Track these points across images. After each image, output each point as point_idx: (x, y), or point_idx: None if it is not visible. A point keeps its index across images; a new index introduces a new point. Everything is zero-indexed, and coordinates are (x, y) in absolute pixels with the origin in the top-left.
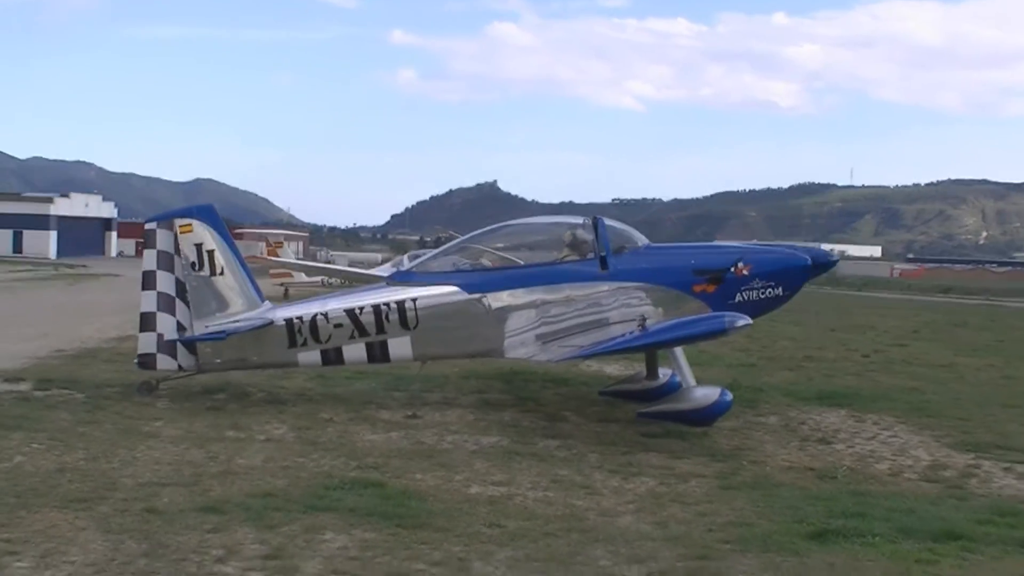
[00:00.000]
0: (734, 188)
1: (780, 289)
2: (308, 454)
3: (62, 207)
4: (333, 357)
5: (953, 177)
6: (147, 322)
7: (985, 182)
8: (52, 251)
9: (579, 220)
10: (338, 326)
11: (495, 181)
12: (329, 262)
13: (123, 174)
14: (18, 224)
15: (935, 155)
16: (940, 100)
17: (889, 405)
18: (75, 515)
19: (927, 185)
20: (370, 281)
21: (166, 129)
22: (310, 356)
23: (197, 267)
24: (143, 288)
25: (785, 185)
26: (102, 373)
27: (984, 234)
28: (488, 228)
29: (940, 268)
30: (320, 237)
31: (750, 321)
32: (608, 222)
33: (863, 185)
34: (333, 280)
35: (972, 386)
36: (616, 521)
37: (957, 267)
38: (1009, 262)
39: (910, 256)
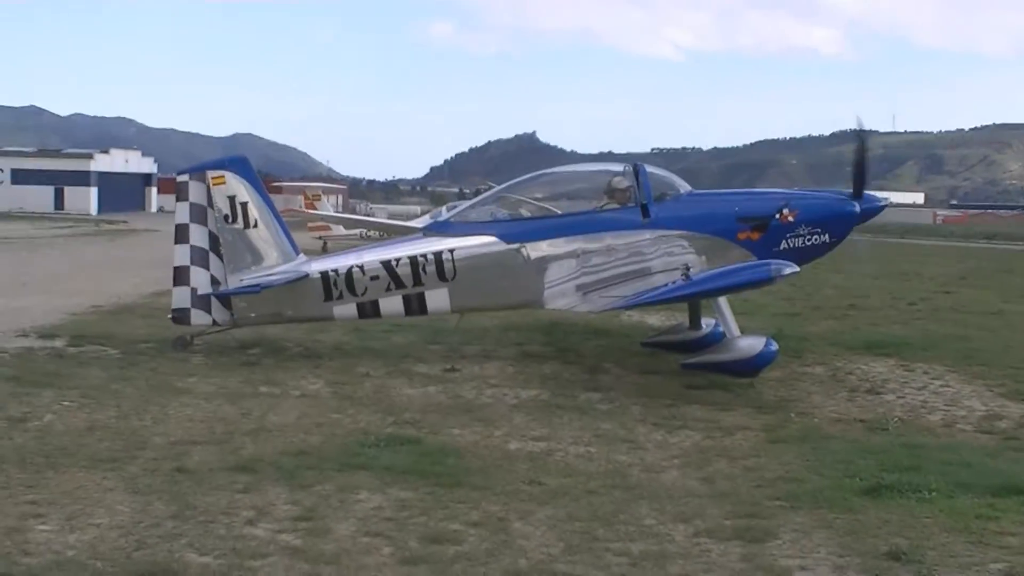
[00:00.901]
0: (774, 136)
1: (827, 236)
2: (344, 410)
3: (102, 163)
4: (369, 310)
5: (998, 122)
6: (180, 276)
7: None
8: (93, 207)
9: (619, 167)
10: (374, 278)
11: (534, 132)
12: (369, 215)
13: (163, 130)
14: (59, 180)
15: (979, 100)
16: (984, 44)
17: (938, 354)
18: (103, 475)
19: (971, 130)
20: (407, 233)
21: (206, 84)
22: (346, 309)
23: (231, 220)
24: (176, 242)
25: (826, 132)
26: (137, 329)
27: None
28: (526, 176)
29: (984, 214)
30: (359, 190)
31: (797, 269)
32: (649, 169)
33: (905, 131)
34: (371, 233)
35: (1022, 334)
36: (660, 477)
37: (1002, 212)
38: None
39: (953, 202)
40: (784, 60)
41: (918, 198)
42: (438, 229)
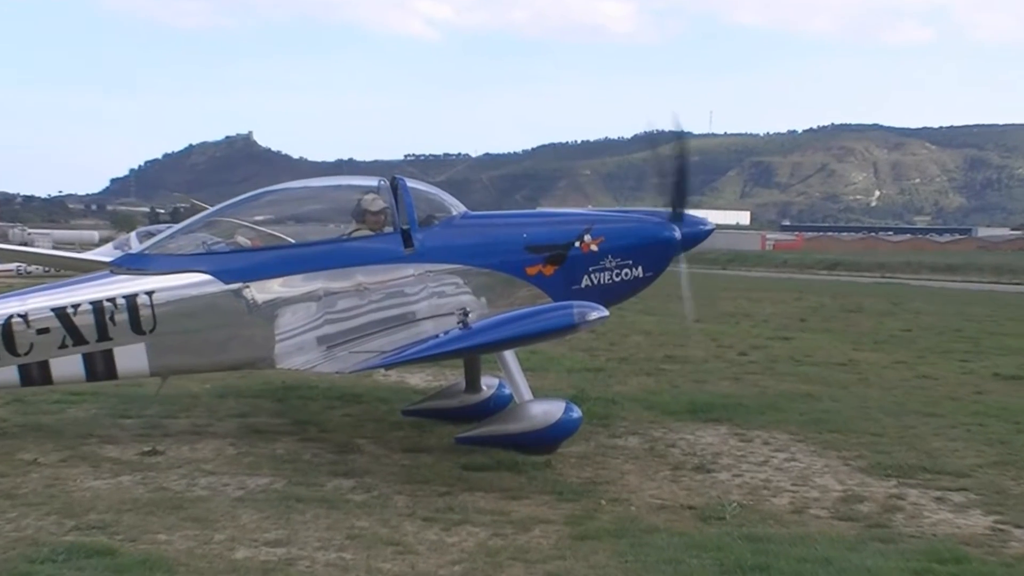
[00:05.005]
0: (561, 139)
1: (640, 269)
2: (3, 512)
3: None
4: (37, 375)
5: (837, 122)
6: None
7: (877, 127)
8: None
9: (372, 182)
10: (43, 332)
11: (249, 133)
12: (28, 243)
13: None
14: None
15: (814, 95)
16: (813, 24)
17: (780, 418)
18: None
19: (805, 132)
20: (87, 268)
21: None
22: (3, 374)
23: None
24: None
25: (626, 135)
26: None
27: (877, 193)
28: (248, 195)
29: (823, 237)
30: (12, 209)
31: (606, 313)
32: (411, 184)
33: (725, 133)
34: (32, 268)
35: (881, 390)
36: None
37: (844, 236)
38: (908, 228)
39: (786, 223)
40: (569, 42)
41: (743, 217)
42: (131, 264)
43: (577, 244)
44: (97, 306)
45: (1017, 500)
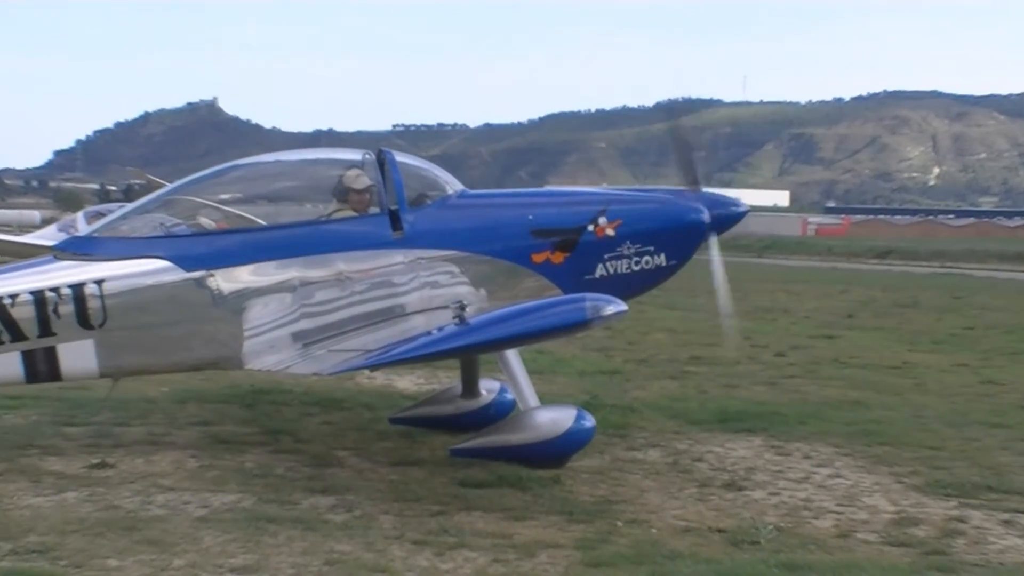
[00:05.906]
0: (573, 107)
1: (663, 256)
2: None
3: None
4: None
5: (891, 88)
6: None
7: (936, 95)
8: None
9: (356, 155)
10: None
11: (214, 100)
12: None
13: None
14: None
15: (864, 57)
16: None
17: (823, 428)
18: None
19: (853, 100)
20: (27, 254)
21: None
22: None
23: None
24: None
25: (648, 103)
26: None
27: (936, 171)
28: (212, 170)
29: (873, 221)
30: None
31: (624, 307)
32: (400, 158)
33: (761, 101)
34: None
35: (939, 397)
36: None
37: (898, 220)
38: (972, 211)
39: (831, 204)
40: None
41: (781, 198)
42: (78, 248)
43: (590, 228)
44: (38, 297)
45: None
